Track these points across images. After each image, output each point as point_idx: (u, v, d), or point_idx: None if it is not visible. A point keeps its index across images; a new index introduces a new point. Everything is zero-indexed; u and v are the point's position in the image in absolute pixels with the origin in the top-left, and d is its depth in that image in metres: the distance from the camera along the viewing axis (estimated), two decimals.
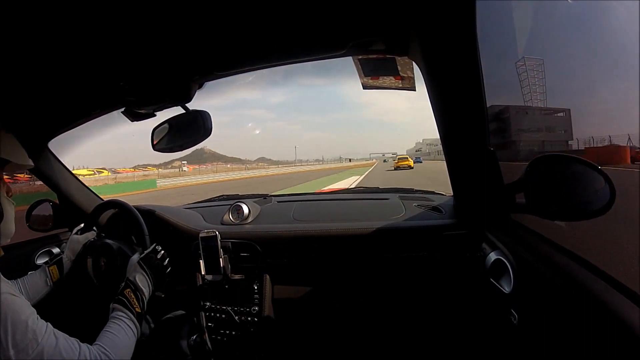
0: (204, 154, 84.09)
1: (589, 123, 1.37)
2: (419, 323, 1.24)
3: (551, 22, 1.05)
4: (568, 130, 1.46)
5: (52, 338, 0.64)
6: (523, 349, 0.76)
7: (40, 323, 0.64)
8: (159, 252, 1.03)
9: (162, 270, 1.02)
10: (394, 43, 0.85)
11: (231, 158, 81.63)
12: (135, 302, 0.87)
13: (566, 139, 1.48)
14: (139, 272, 0.95)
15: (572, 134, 1.43)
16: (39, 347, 0.61)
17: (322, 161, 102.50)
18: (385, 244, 1.18)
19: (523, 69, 1.21)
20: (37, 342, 0.61)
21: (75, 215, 1.50)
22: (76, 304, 1.17)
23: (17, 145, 0.82)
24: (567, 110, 1.47)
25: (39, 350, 0.60)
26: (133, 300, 0.87)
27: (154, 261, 1.00)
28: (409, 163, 27.02)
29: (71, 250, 1.10)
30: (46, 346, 0.62)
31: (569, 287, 0.60)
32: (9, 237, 0.79)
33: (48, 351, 0.61)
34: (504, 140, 1.54)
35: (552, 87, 1.26)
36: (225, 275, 1.25)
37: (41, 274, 1.04)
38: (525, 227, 0.88)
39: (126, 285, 0.91)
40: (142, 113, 1.07)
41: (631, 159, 1.31)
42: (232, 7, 0.68)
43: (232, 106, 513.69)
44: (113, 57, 0.83)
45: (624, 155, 1.32)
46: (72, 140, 1.43)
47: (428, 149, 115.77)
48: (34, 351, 0.60)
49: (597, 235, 0.97)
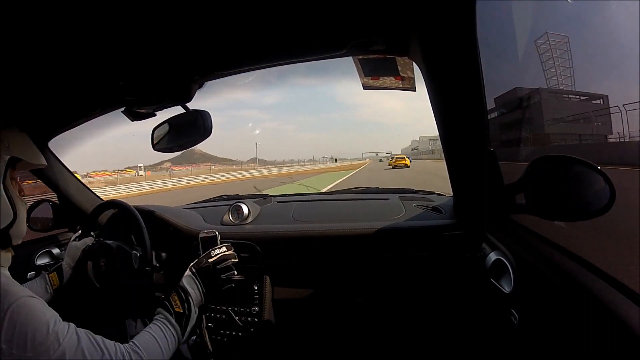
0: (194, 155, 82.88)
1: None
2: (420, 323, 1.24)
3: (551, 22, 1.05)
4: (607, 123, 1.18)
5: (74, 338, 0.63)
6: (523, 349, 0.76)
7: (61, 324, 0.64)
8: (212, 257, 1.00)
9: (216, 278, 0.97)
10: (394, 43, 0.86)
11: (221, 159, 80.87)
12: (177, 303, 0.85)
13: (605, 133, 1.24)
14: (188, 276, 0.94)
15: (611, 127, 1.17)
16: (60, 348, 0.60)
17: (313, 161, 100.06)
18: (385, 244, 1.18)
19: (546, 47, 1.02)
20: (59, 343, 0.60)
21: (75, 216, 1.50)
22: (78, 310, 1.17)
23: (30, 143, 0.81)
24: (604, 97, 1.18)
25: (60, 351, 0.60)
26: (176, 301, 0.86)
27: (204, 265, 0.97)
28: (405, 162, 28.11)
29: (70, 256, 1.09)
30: (68, 347, 0.61)
31: (569, 287, 0.60)
32: (20, 237, 0.78)
33: (70, 352, 0.61)
34: (533, 132, 1.39)
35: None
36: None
37: (41, 282, 1.03)
38: (525, 227, 0.88)
39: (174, 290, 0.89)
40: (142, 113, 1.07)
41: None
42: (233, 7, 0.68)
43: (225, 107, 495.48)
44: (113, 57, 0.83)
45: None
46: (72, 140, 1.43)
47: (431, 145, 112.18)
48: (55, 352, 0.59)
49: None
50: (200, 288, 0.93)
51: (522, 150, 1.45)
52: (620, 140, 1.14)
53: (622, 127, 1.10)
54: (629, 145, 1.17)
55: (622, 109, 1.06)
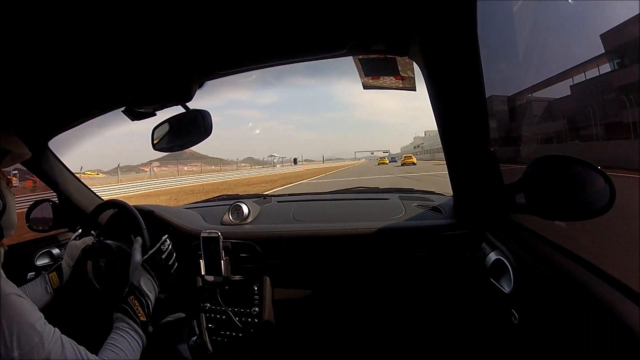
0: (184, 154, 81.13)
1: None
2: (420, 323, 1.24)
3: (551, 22, 1.05)
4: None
5: (58, 344, 0.62)
6: (523, 349, 0.76)
7: (47, 327, 0.63)
8: (164, 252, 0.99)
9: (167, 270, 0.99)
10: (394, 43, 0.86)
11: (213, 159, 79.56)
12: (139, 310, 0.83)
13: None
14: (144, 275, 0.91)
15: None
16: (45, 351, 0.59)
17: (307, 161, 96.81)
18: (385, 244, 1.18)
19: None
20: (44, 346, 0.60)
21: (75, 215, 1.50)
22: (78, 310, 1.17)
23: (14, 135, 0.81)
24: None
25: (45, 355, 0.59)
26: (137, 308, 0.83)
27: (158, 261, 0.96)
28: (413, 160, 33.15)
29: (70, 256, 1.08)
30: (53, 351, 0.60)
31: (569, 287, 0.60)
32: (11, 228, 0.78)
33: (54, 357, 0.60)
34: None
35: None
36: (225, 276, 1.24)
37: (41, 282, 1.03)
38: (525, 227, 0.88)
39: (130, 292, 0.87)
40: (143, 112, 1.07)
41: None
42: (233, 7, 0.68)
43: (224, 106, 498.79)
44: (114, 57, 0.83)
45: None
46: (72, 140, 1.43)
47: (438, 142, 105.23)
48: (40, 356, 0.59)
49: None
50: (156, 288, 0.93)
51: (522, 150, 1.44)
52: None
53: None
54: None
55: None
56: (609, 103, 1.14)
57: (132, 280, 0.90)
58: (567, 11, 1.00)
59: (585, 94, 1.16)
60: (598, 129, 1.17)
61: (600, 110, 1.16)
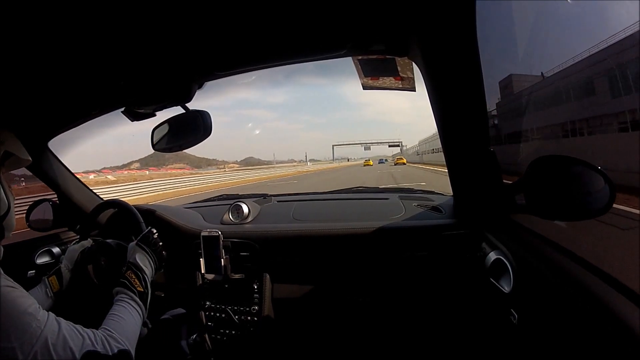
0: (166, 154, 77.62)
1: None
2: (419, 323, 1.24)
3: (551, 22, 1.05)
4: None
5: (54, 325, 0.64)
6: (523, 348, 0.76)
7: (41, 312, 0.64)
8: (154, 233, 1.05)
9: (160, 249, 1.04)
10: (393, 44, 0.86)
11: (199, 159, 78.66)
12: (136, 282, 0.88)
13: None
14: (139, 252, 0.96)
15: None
16: (42, 334, 0.60)
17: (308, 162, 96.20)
18: (385, 243, 1.18)
19: None
20: (40, 329, 0.61)
21: (75, 215, 1.50)
22: (80, 313, 1.16)
23: (17, 140, 0.82)
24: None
25: (43, 337, 0.60)
26: (134, 280, 0.88)
27: (151, 239, 1.02)
28: (403, 161, 42.48)
29: (69, 259, 1.08)
30: (49, 333, 0.62)
31: (569, 287, 0.60)
32: (11, 230, 0.79)
33: (52, 337, 0.61)
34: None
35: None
36: (225, 274, 1.25)
37: (41, 286, 1.02)
38: (525, 227, 0.88)
39: (127, 268, 0.92)
40: (142, 113, 1.07)
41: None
42: (233, 8, 0.68)
43: (223, 106, 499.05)
44: (113, 57, 0.83)
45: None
46: (72, 140, 1.43)
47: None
48: (37, 339, 0.60)
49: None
50: (152, 264, 0.97)
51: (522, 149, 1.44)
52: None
53: None
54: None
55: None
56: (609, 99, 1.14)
57: (129, 259, 0.95)
58: (567, 11, 1.00)
59: (585, 91, 1.17)
60: (596, 125, 1.19)
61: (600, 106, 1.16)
